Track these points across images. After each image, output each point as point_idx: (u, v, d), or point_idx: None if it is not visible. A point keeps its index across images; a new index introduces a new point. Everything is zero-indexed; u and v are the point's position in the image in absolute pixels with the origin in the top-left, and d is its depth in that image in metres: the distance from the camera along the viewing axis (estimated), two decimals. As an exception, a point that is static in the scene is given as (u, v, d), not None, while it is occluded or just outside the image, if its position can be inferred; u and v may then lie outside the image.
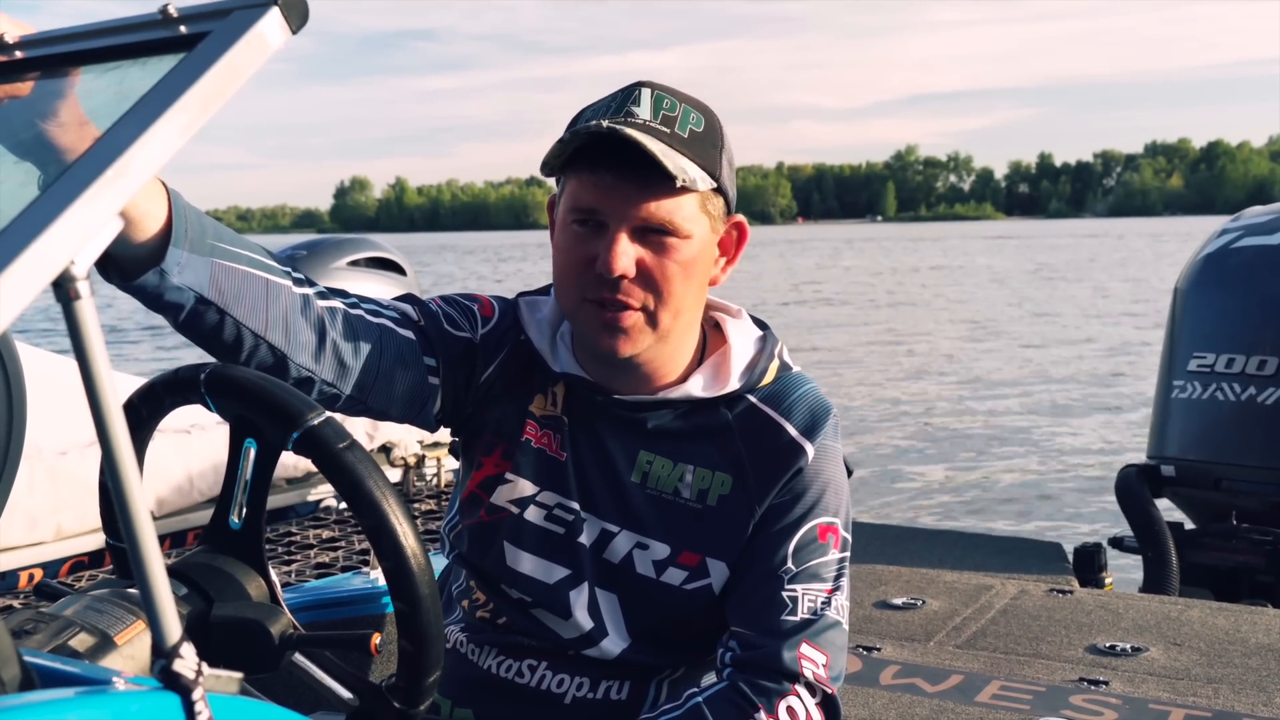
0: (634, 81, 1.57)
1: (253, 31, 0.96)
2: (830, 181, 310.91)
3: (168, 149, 0.90)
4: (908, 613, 3.14)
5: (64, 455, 3.00)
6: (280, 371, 1.46)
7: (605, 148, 1.50)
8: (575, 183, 1.55)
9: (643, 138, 1.47)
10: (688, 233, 1.55)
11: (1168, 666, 2.72)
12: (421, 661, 1.33)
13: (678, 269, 1.55)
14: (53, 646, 1.18)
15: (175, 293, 1.33)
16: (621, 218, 1.52)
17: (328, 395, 1.53)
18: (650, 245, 1.54)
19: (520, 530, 1.66)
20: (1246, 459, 3.78)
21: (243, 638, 1.33)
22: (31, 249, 0.81)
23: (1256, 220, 4.10)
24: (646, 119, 1.51)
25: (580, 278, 1.55)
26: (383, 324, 1.57)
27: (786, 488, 1.62)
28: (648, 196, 1.51)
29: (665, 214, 1.52)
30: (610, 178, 1.51)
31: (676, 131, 1.52)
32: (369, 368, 1.53)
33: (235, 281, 1.38)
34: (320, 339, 1.48)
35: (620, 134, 1.47)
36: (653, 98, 1.54)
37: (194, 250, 1.33)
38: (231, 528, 1.40)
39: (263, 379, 1.38)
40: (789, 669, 1.56)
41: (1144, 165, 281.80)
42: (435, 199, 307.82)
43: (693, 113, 1.55)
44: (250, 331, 1.41)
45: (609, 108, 1.54)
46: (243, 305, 1.39)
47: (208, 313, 1.37)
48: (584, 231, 1.55)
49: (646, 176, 1.50)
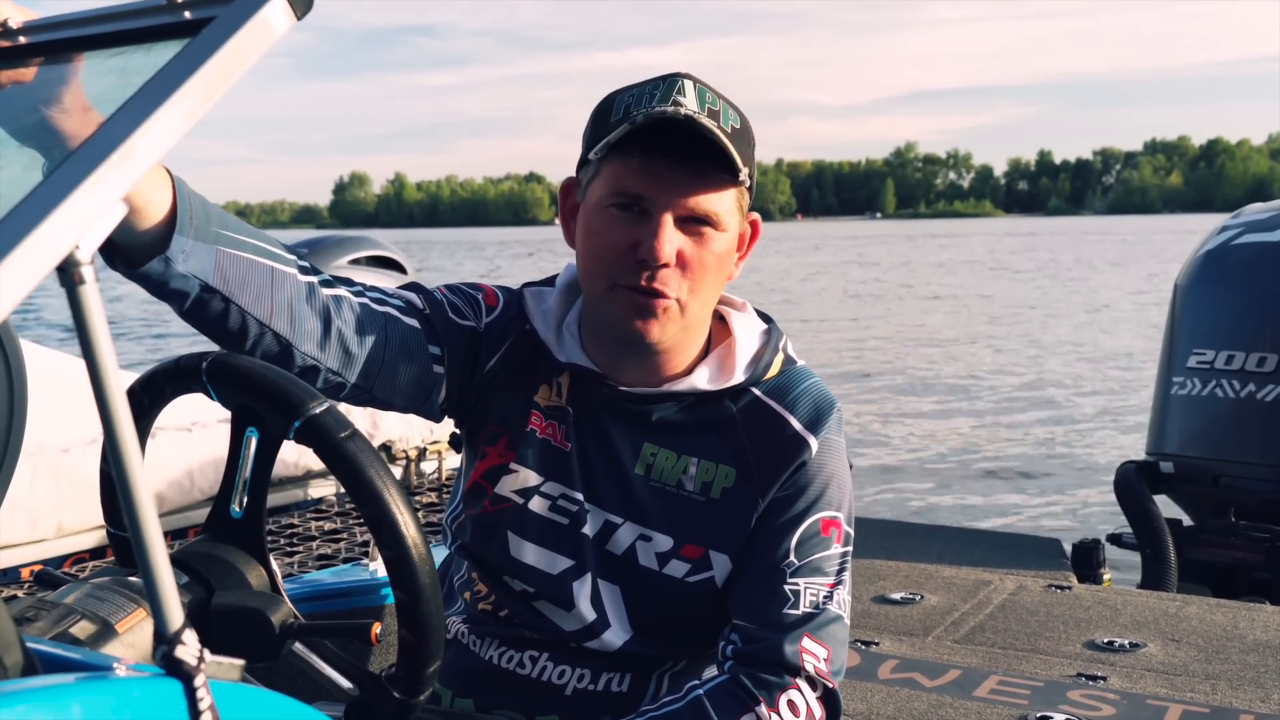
0: (671, 72, 1.56)
1: (258, 17, 0.95)
2: (829, 178, 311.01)
3: (172, 134, 0.90)
4: (906, 607, 3.15)
5: (66, 453, 3.00)
6: (285, 360, 1.46)
7: (659, 134, 1.49)
8: (620, 167, 1.53)
9: (711, 125, 1.47)
10: (725, 226, 1.55)
11: (1166, 662, 2.72)
12: (422, 651, 1.33)
13: (713, 260, 1.55)
14: (54, 633, 1.18)
15: (180, 280, 1.33)
16: (669, 205, 1.51)
17: (333, 384, 1.52)
18: (691, 235, 1.53)
19: (524, 521, 1.66)
20: (1245, 455, 3.79)
21: (243, 626, 1.33)
22: (36, 233, 0.81)
23: (1257, 217, 4.10)
24: (695, 110, 1.50)
25: (617, 262, 1.54)
26: (388, 312, 1.56)
27: (790, 481, 1.62)
28: (699, 187, 1.51)
29: (710, 205, 1.53)
30: (664, 165, 1.51)
31: (722, 125, 1.51)
32: (374, 356, 1.53)
33: (240, 269, 1.38)
34: (325, 327, 1.47)
35: (696, 124, 1.47)
36: (696, 90, 1.53)
37: (198, 238, 1.33)
38: (233, 517, 1.39)
39: (264, 368, 1.37)
40: (790, 662, 1.56)
41: (1143, 163, 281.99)
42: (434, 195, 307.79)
43: (730, 109, 1.55)
44: (255, 319, 1.41)
45: (653, 95, 1.52)
46: (247, 293, 1.39)
47: (212, 300, 1.37)
48: (625, 216, 1.53)
49: (701, 166, 1.50)
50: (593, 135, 1.57)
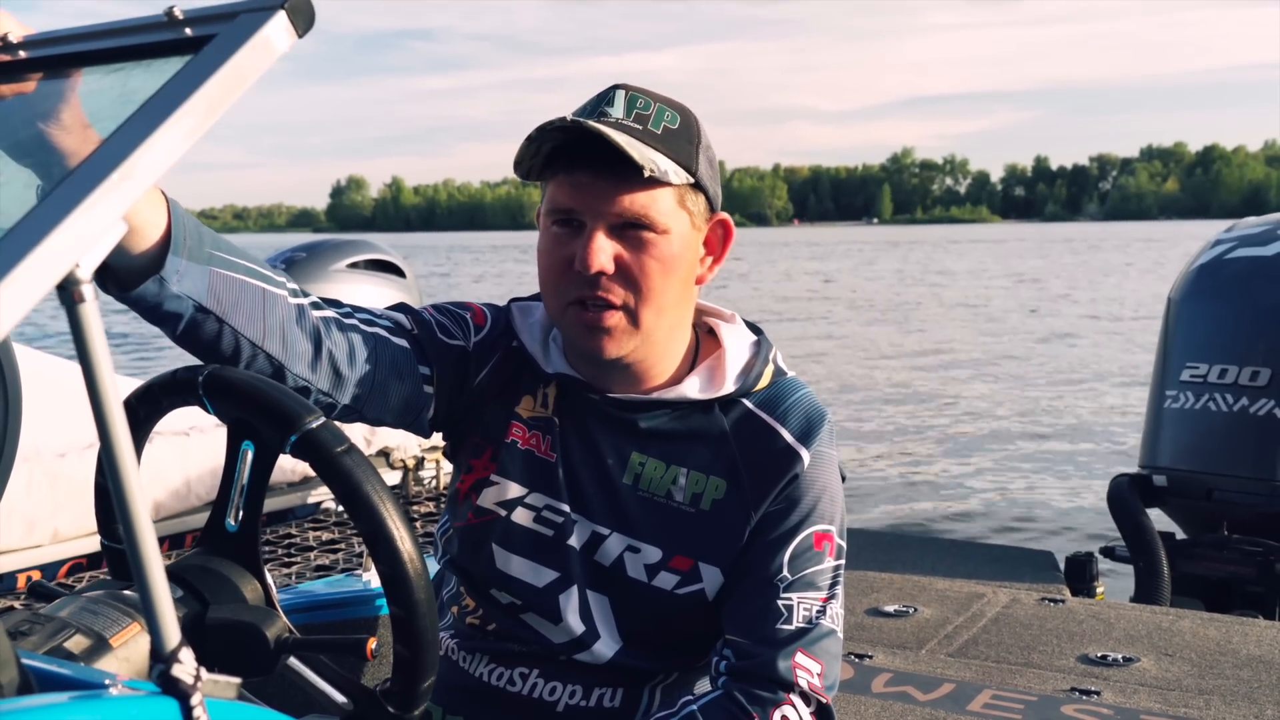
0: (611, 85, 1.59)
1: (259, 35, 0.96)
2: (826, 184, 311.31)
3: (173, 153, 0.90)
4: (900, 620, 3.15)
5: (63, 458, 3.00)
6: (278, 380, 1.45)
7: (579, 148, 1.51)
8: (553, 185, 1.56)
9: (609, 131, 1.48)
10: (665, 228, 1.55)
11: (1159, 677, 2.72)
12: (417, 666, 1.33)
13: (657, 265, 1.55)
14: (48, 648, 1.18)
15: (174, 301, 1.33)
16: (597, 214, 1.53)
17: (324, 404, 1.53)
18: (628, 241, 1.54)
19: (508, 532, 1.66)
20: (1238, 469, 3.79)
21: (238, 641, 1.33)
22: (36, 252, 0.81)
23: (1250, 231, 4.11)
24: (619, 118, 1.53)
25: (562, 279, 1.56)
26: (377, 333, 1.58)
27: (782, 494, 1.62)
28: (622, 191, 1.52)
29: (640, 208, 1.53)
30: (585, 176, 1.52)
31: (650, 129, 1.53)
32: (364, 378, 1.54)
33: (233, 290, 1.38)
34: (316, 349, 1.49)
35: (585, 127, 1.48)
36: (626, 98, 1.55)
37: (192, 258, 1.33)
38: (228, 530, 1.39)
39: (261, 381, 1.37)
40: (784, 678, 1.56)
41: (1140, 169, 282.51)
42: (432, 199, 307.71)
43: (668, 111, 1.57)
44: (248, 341, 1.41)
45: (584, 110, 1.56)
46: (241, 314, 1.39)
47: (206, 322, 1.37)
48: (564, 232, 1.56)
49: (619, 171, 1.51)
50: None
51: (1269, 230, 4.05)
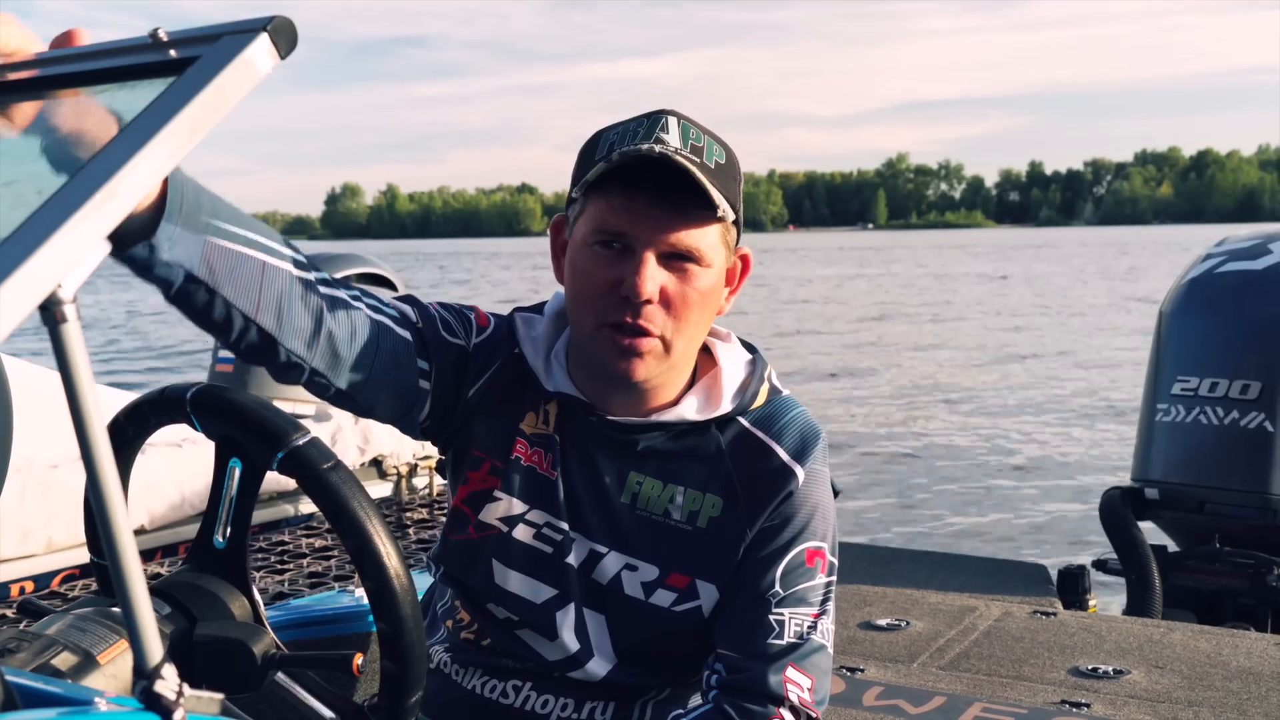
0: (657, 109, 1.56)
1: (242, 57, 0.96)
2: (821, 189, 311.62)
3: (157, 174, 0.91)
4: (892, 634, 3.15)
5: (55, 468, 3.00)
6: (269, 354, 1.42)
7: (639, 171, 1.50)
8: (603, 204, 1.53)
9: (692, 167, 1.47)
10: (710, 261, 1.55)
11: (1150, 689, 2.73)
12: (404, 681, 1.33)
13: (697, 296, 1.55)
14: (35, 665, 1.18)
15: (164, 268, 1.29)
16: (651, 242, 1.52)
17: (317, 385, 1.50)
18: (674, 271, 1.53)
19: (508, 548, 1.66)
20: (1229, 483, 3.80)
21: (226, 657, 1.33)
22: (19, 273, 0.81)
23: (1240, 245, 4.12)
24: (677, 147, 1.50)
25: (601, 300, 1.54)
26: (382, 321, 1.54)
27: (777, 511, 1.63)
28: (681, 224, 1.52)
29: (693, 241, 1.53)
30: (645, 202, 1.51)
31: (705, 161, 1.52)
32: (363, 364, 1.51)
33: (228, 261, 1.34)
34: (316, 327, 1.44)
35: (671, 161, 1.47)
36: (680, 126, 1.53)
37: (187, 226, 1.29)
38: (216, 547, 1.40)
39: (248, 399, 1.38)
40: (774, 692, 1.56)
41: (1134, 174, 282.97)
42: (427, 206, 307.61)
43: (715, 145, 1.55)
44: (240, 313, 1.36)
45: (636, 133, 1.53)
46: (234, 285, 1.35)
47: (197, 291, 1.33)
48: (608, 254, 1.54)
49: (681, 202, 1.50)
50: (578, 173, 1.57)
51: (1259, 244, 4.06)
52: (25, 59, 1.09)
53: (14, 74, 1.08)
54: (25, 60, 1.09)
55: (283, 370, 1.46)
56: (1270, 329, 3.82)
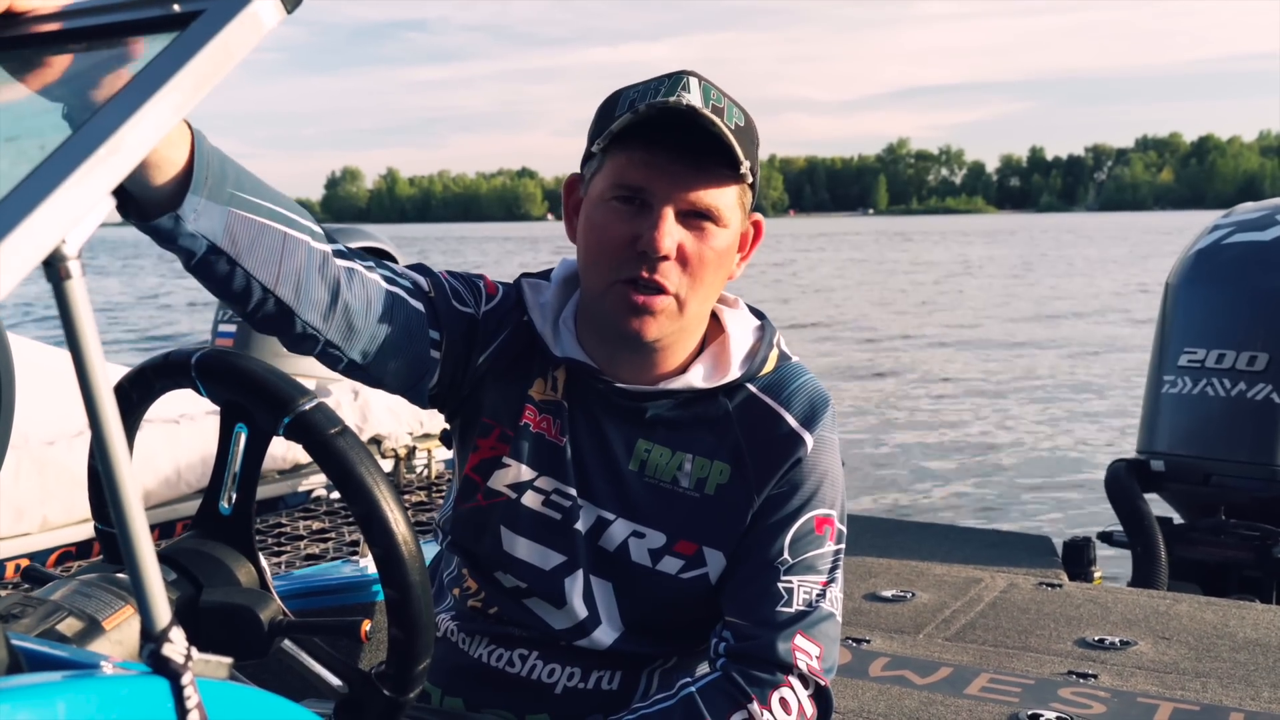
0: (678, 70, 1.55)
1: (247, 10, 0.95)
2: (822, 174, 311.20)
3: (161, 128, 0.90)
4: (898, 605, 3.15)
5: (51, 445, 2.99)
6: (285, 325, 1.43)
7: (662, 127, 1.48)
8: (623, 159, 1.52)
9: (718, 120, 1.46)
10: (727, 222, 1.54)
11: (1156, 660, 2.72)
12: (412, 649, 1.32)
13: (714, 256, 1.54)
14: (40, 630, 1.17)
15: (189, 239, 1.30)
16: (669, 198, 1.51)
17: (330, 356, 1.50)
18: (692, 229, 1.53)
19: (516, 515, 1.65)
20: (1236, 454, 3.79)
21: (231, 623, 1.32)
22: (21, 228, 0.80)
23: (1248, 216, 4.11)
24: (699, 106, 1.49)
25: (618, 255, 1.53)
26: (396, 293, 1.54)
27: (785, 478, 1.62)
28: (701, 181, 1.51)
29: (712, 199, 1.52)
30: (666, 158, 1.50)
31: (726, 122, 1.50)
32: (377, 335, 1.51)
33: (250, 232, 1.35)
34: (333, 299, 1.45)
35: (700, 115, 1.46)
36: (701, 87, 1.52)
37: (212, 198, 1.30)
38: (221, 513, 1.39)
39: (254, 363, 1.36)
40: (783, 660, 1.55)
41: (1135, 159, 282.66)
42: (427, 190, 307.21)
43: (735, 108, 1.54)
44: (259, 283, 1.38)
45: (658, 90, 1.51)
46: (255, 257, 1.36)
47: (219, 261, 1.34)
48: (627, 209, 1.52)
49: (702, 160, 1.49)
50: (597, 129, 1.56)
51: (1267, 215, 4.05)
52: (29, 13, 1.08)
53: (16, 29, 1.07)
54: (28, 15, 1.08)
55: (296, 341, 1.46)
56: (1277, 300, 3.81)
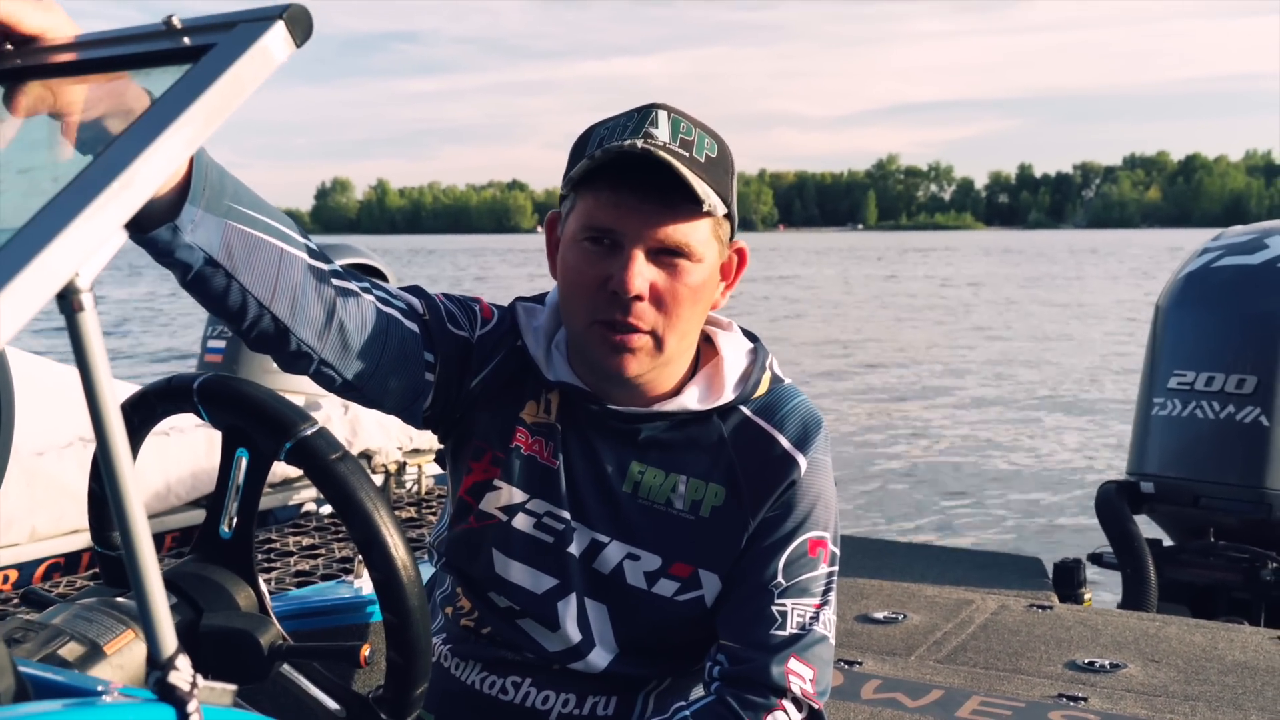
0: (648, 103, 1.56)
1: (258, 45, 0.96)
2: (812, 189, 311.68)
3: (173, 162, 0.90)
4: (889, 627, 3.16)
5: (40, 456, 2.98)
6: (280, 343, 1.42)
7: (627, 167, 1.49)
8: (592, 200, 1.53)
9: (676, 163, 1.46)
10: (700, 256, 1.54)
11: (1146, 683, 2.74)
12: (410, 673, 1.33)
13: (688, 292, 1.54)
14: (42, 655, 1.18)
15: (185, 251, 1.29)
16: (639, 238, 1.51)
17: (325, 376, 1.50)
18: (664, 267, 1.53)
19: (509, 538, 1.65)
20: (1225, 477, 3.81)
21: (232, 647, 1.33)
22: (36, 261, 0.81)
23: (1237, 240, 4.13)
24: (666, 141, 1.50)
25: (592, 297, 1.54)
26: (391, 314, 1.54)
27: (779, 501, 1.62)
28: (668, 218, 1.51)
29: (682, 236, 1.52)
30: (632, 198, 1.50)
31: (694, 155, 1.51)
32: (372, 356, 1.51)
33: (247, 246, 1.34)
34: (328, 318, 1.45)
35: (653, 156, 1.46)
36: (670, 120, 1.52)
37: (209, 209, 1.29)
38: (222, 537, 1.40)
39: (256, 388, 1.37)
40: (777, 683, 1.56)
41: (1123, 177, 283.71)
42: (417, 201, 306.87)
43: (707, 138, 1.54)
44: (255, 299, 1.37)
45: (625, 128, 1.52)
46: (251, 271, 1.35)
47: (215, 275, 1.33)
48: (597, 250, 1.53)
49: (669, 198, 1.49)
50: (569, 169, 1.57)
51: (1255, 239, 4.08)
52: (41, 43, 1.08)
53: (28, 59, 1.08)
54: (39, 46, 1.08)
55: (291, 359, 1.45)
56: (1266, 323, 3.83)
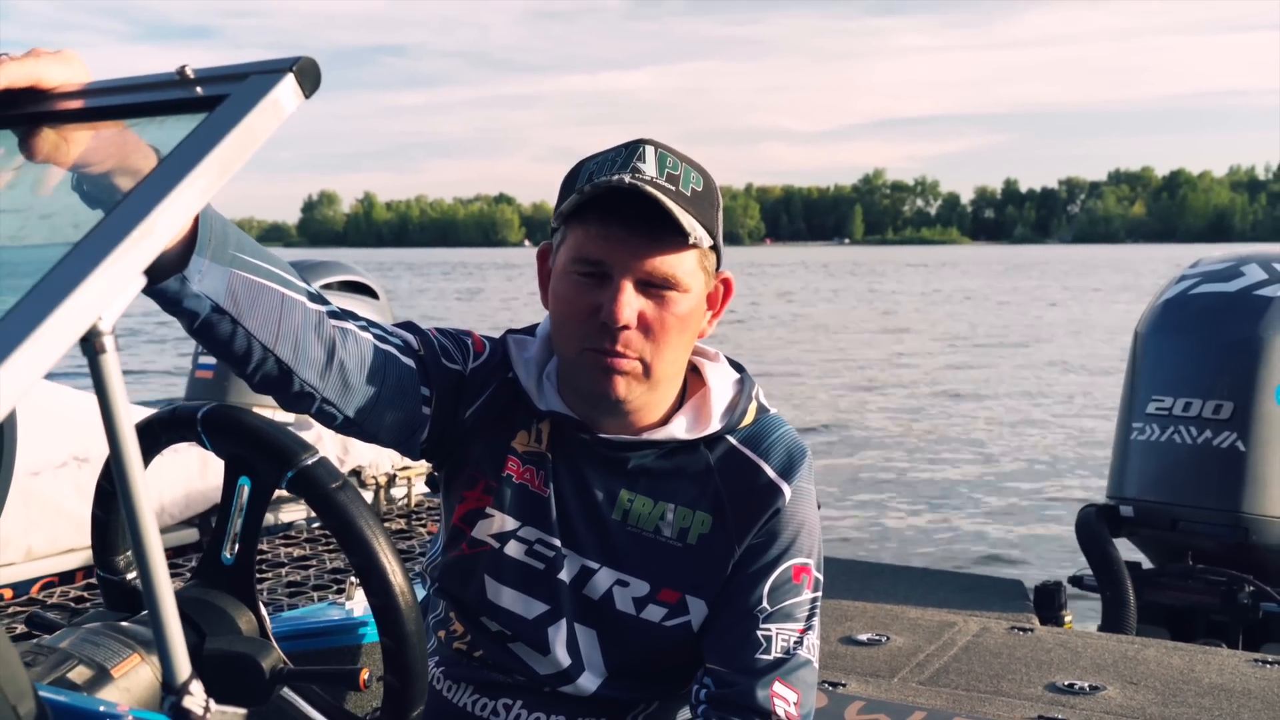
0: (636, 139, 1.61)
1: (269, 97, 1.00)
2: (798, 203, 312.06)
3: (189, 211, 0.95)
4: (872, 649, 3.19)
5: (36, 476, 3.00)
6: (284, 385, 1.47)
7: (616, 201, 1.54)
8: (581, 233, 1.58)
9: (662, 197, 1.52)
10: (687, 287, 1.60)
11: (1124, 705, 2.78)
12: (406, 697, 1.37)
13: (675, 321, 1.59)
14: (52, 679, 1.22)
15: (193, 300, 1.34)
16: (627, 269, 1.56)
17: (326, 414, 1.54)
18: (652, 298, 1.58)
19: (500, 565, 1.69)
20: (1203, 501, 3.86)
21: (234, 671, 1.37)
22: (63, 307, 0.85)
23: (1214, 268, 4.20)
24: (653, 176, 1.55)
25: (582, 327, 1.59)
26: (388, 351, 1.59)
27: (764, 529, 1.67)
28: (656, 250, 1.56)
29: (669, 268, 1.57)
30: (621, 231, 1.55)
31: (680, 190, 1.56)
32: (371, 393, 1.56)
33: (251, 293, 1.39)
34: (329, 358, 1.50)
35: (641, 190, 1.52)
36: (657, 155, 1.58)
37: (215, 259, 1.34)
38: (224, 563, 1.44)
39: (258, 419, 1.42)
40: (762, 707, 1.60)
41: (1108, 193, 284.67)
42: (404, 215, 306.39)
43: (693, 172, 1.60)
44: (260, 343, 1.42)
45: (614, 163, 1.58)
46: (256, 317, 1.40)
47: (221, 322, 1.38)
48: (587, 281, 1.58)
49: (656, 231, 1.55)
50: (560, 202, 1.62)
51: (1232, 267, 4.14)
52: (60, 91, 1.12)
53: (46, 106, 1.12)
54: (58, 92, 1.12)
55: (294, 400, 1.50)
56: (1242, 350, 3.89)
